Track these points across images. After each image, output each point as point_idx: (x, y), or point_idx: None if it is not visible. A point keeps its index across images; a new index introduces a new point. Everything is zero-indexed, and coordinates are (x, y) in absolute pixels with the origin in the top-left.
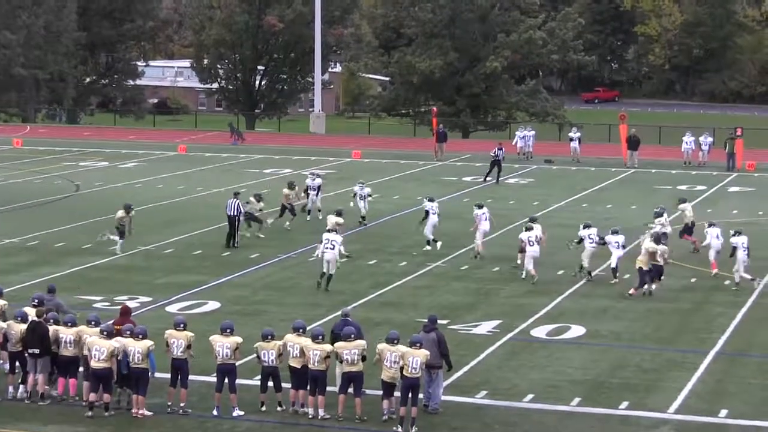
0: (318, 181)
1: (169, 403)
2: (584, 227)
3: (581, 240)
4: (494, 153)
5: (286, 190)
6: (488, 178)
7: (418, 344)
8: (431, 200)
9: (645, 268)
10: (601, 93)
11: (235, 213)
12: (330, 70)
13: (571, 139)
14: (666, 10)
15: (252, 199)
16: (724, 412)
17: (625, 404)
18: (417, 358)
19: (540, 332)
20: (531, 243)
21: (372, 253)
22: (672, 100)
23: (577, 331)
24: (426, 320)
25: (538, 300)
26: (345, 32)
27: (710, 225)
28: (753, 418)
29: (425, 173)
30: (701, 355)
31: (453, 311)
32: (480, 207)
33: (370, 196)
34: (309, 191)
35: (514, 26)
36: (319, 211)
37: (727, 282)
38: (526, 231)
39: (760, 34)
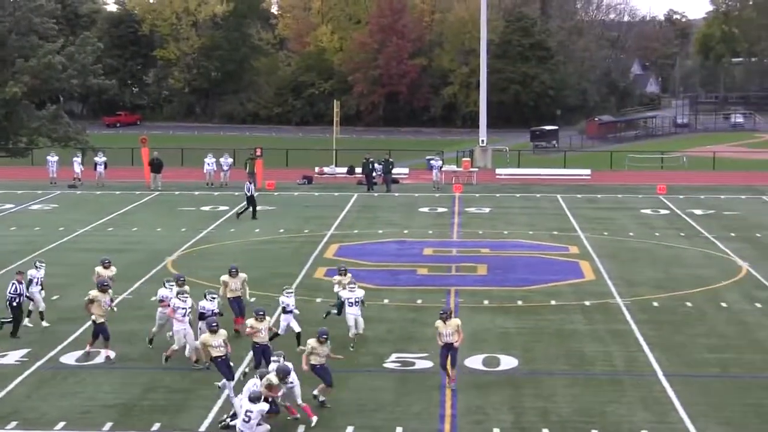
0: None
1: None
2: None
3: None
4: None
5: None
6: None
7: None
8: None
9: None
10: (123, 117)
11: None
12: None
13: (97, 164)
14: (183, 34)
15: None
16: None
17: (157, 425)
18: None
19: (69, 359)
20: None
21: None
22: (193, 122)
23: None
24: None
25: (66, 327)
26: None
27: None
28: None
29: None
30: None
31: None
32: None
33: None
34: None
35: (32, 51)
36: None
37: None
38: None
39: (275, 57)
